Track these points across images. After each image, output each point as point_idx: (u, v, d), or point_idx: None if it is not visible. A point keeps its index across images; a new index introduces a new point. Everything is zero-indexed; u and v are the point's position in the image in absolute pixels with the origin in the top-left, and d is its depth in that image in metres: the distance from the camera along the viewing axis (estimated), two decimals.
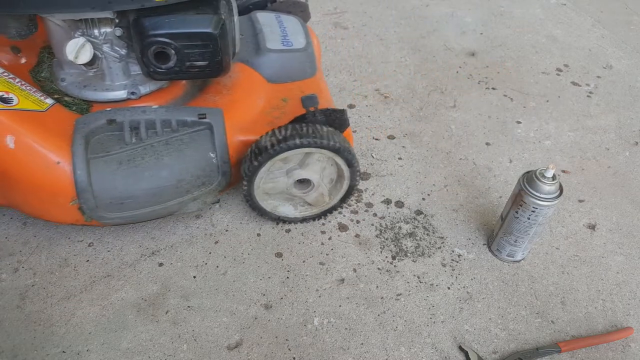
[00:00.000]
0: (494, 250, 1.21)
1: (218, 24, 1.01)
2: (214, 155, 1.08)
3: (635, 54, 1.98)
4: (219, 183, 1.11)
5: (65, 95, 1.11)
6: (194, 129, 1.08)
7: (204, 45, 1.02)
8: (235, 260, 1.16)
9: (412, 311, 1.09)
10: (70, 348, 0.99)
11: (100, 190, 1.01)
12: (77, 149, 0.99)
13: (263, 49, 1.24)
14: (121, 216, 1.06)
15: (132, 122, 1.04)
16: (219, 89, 1.18)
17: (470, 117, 1.61)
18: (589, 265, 1.22)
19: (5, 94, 0.99)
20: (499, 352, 1.04)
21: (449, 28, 2.01)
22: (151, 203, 1.06)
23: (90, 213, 1.04)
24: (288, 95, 1.23)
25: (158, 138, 1.05)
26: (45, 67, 1.17)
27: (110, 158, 1.02)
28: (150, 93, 1.15)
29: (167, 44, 1.00)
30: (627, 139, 1.59)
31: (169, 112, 1.07)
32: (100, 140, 1.03)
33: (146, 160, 1.03)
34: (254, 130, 1.13)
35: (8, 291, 1.06)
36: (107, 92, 1.11)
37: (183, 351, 1.00)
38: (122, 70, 1.11)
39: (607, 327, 1.10)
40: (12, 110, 0.98)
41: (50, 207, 1.05)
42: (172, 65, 1.03)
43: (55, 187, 1.01)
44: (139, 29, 0.99)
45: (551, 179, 1.05)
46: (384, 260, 1.19)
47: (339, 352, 1.02)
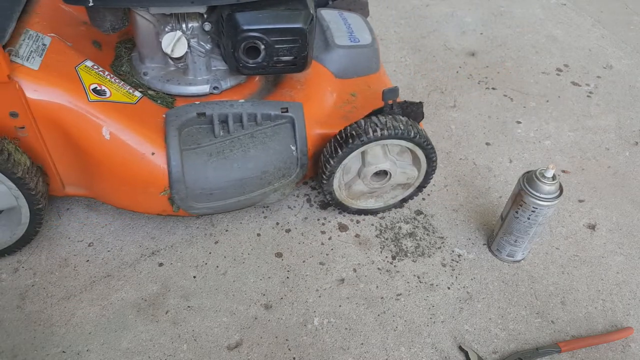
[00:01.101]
0: (494, 250, 1.21)
1: (308, 20, 1.04)
2: (294, 147, 1.12)
3: (635, 54, 1.98)
4: (297, 175, 1.15)
5: (148, 89, 1.14)
6: (276, 122, 1.11)
7: (294, 40, 1.05)
8: (235, 260, 1.16)
9: (412, 311, 1.09)
10: (70, 348, 0.99)
11: (192, 181, 1.05)
12: (171, 141, 1.03)
13: (332, 45, 1.26)
14: (208, 206, 1.11)
15: (220, 115, 1.08)
16: (293, 84, 1.21)
17: (470, 117, 1.61)
18: (589, 265, 1.22)
19: (98, 86, 1.02)
20: (499, 352, 1.04)
21: (449, 28, 2.01)
22: (237, 194, 1.10)
23: (180, 203, 1.07)
24: (356, 90, 1.27)
25: (244, 131, 1.09)
26: (125, 62, 1.18)
27: (201, 150, 1.06)
28: (230, 88, 1.17)
29: (259, 39, 1.03)
30: (627, 139, 1.59)
31: (255, 106, 1.10)
32: (190, 133, 1.07)
33: (234, 152, 1.07)
34: (329, 123, 1.17)
35: (8, 291, 1.06)
36: (191, 87, 1.14)
37: (183, 351, 1.00)
38: (206, 65, 1.14)
39: (607, 327, 1.10)
40: (106, 102, 1.02)
41: (140, 197, 1.09)
42: (260, 60, 1.06)
43: (149, 178, 1.04)
44: (232, 24, 1.01)
45: (551, 179, 1.05)
46: (384, 260, 1.19)
47: (339, 352, 1.02)
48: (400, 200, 1.27)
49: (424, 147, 1.14)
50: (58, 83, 0.98)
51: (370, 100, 1.22)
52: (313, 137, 1.14)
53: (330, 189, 1.18)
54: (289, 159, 1.12)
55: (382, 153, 1.15)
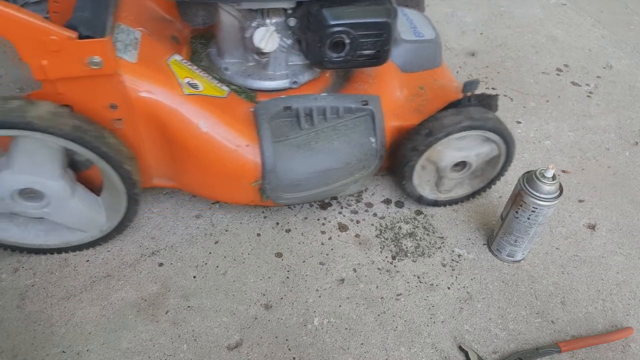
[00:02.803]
0: (494, 250, 1.21)
1: (393, 13, 1.06)
2: (374, 139, 1.15)
3: (635, 54, 1.98)
4: (375, 166, 1.18)
5: (229, 84, 1.15)
6: (356, 115, 1.14)
7: (379, 34, 1.07)
8: (235, 260, 1.16)
9: (412, 311, 1.09)
10: (70, 348, 0.99)
11: (282, 172, 1.08)
12: (264, 133, 1.06)
13: (398, 40, 1.27)
14: (295, 196, 1.14)
15: (305, 108, 1.10)
16: (365, 78, 1.23)
17: None
18: (589, 265, 1.22)
19: (191, 80, 1.05)
20: (499, 352, 1.04)
21: (449, 28, 2.01)
22: (322, 184, 1.14)
23: (269, 193, 1.11)
24: (423, 83, 1.29)
25: (327, 124, 1.12)
26: (203, 57, 1.19)
27: (289, 142, 1.09)
28: (306, 83, 1.19)
29: (345, 33, 1.04)
30: (627, 139, 1.59)
31: (337, 100, 1.13)
32: (277, 126, 1.09)
33: (319, 144, 1.10)
34: (403, 116, 1.20)
35: (8, 291, 1.06)
36: (271, 81, 1.16)
37: (183, 351, 1.00)
38: (285, 60, 1.15)
39: (607, 327, 1.10)
40: (201, 95, 1.04)
41: (231, 187, 1.12)
42: (344, 54, 1.08)
43: (242, 169, 1.07)
44: (320, 19, 1.03)
45: (551, 179, 1.05)
46: (384, 260, 1.19)
47: (339, 352, 1.02)
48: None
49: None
50: (155, 76, 1.00)
51: (439, 93, 1.25)
52: (390, 129, 1.17)
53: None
54: (369, 150, 1.15)
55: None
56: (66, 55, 0.88)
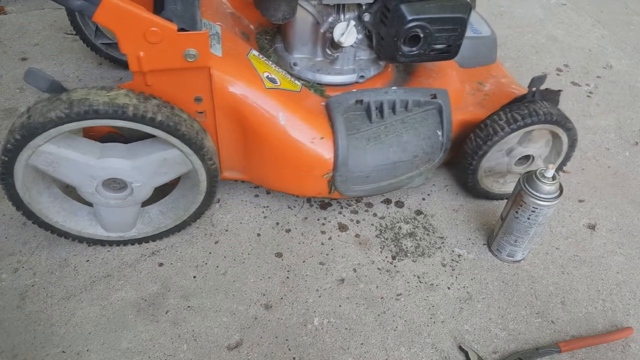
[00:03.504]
0: (494, 250, 1.21)
1: (468, 9, 1.09)
2: (440, 133, 1.16)
3: (635, 54, 1.98)
4: (439, 159, 1.19)
5: (298, 78, 1.17)
6: (424, 108, 1.15)
7: (454, 29, 1.10)
8: (235, 260, 1.16)
9: (412, 311, 1.09)
10: (70, 348, 0.99)
11: (354, 164, 1.10)
12: (339, 126, 1.08)
13: None
14: (362, 189, 1.16)
15: (376, 102, 1.12)
16: (428, 72, 1.25)
17: None
18: (589, 265, 1.22)
19: (270, 74, 1.07)
20: (499, 352, 1.04)
21: None
22: (389, 177, 1.15)
23: (339, 185, 1.12)
24: (481, 78, 1.31)
25: (396, 117, 1.13)
26: (271, 52, 1.21)
27: (360, 135, 1.10)
28: (372, 77, 1.21)
29: (422, 27, 1.07)
30: (627, 139, 1.59)
31: (407, 93, 1.14)
32: (349, 119, 1.11)
33: (389, 137, 1.12)
34: (468, 110, 1.22)
35: (8, 291, 1.06)
36: (339, 76, 1.19)
37: (183, 351, 1.00)
38: (353, 55, 1.17)
39: (607, 327, 1.10)
40: (279, 89, 1.06)
41: (302, 179, 1.14)
42: (416, 49, 1.11)
43: (315, 161, 1.09)
44: (398, 14, 1.05)
45: (551, 179, 1.05)
46: (384, 260, 1.19)
47: (339, 352, 1.02)
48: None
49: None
50: (239, 70, 1.02)
51: (499, 89, 1.28)
52: (455, 122, 1.19)
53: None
54: (435, 143, 1.16)
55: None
56: (165, 47, 0.89)
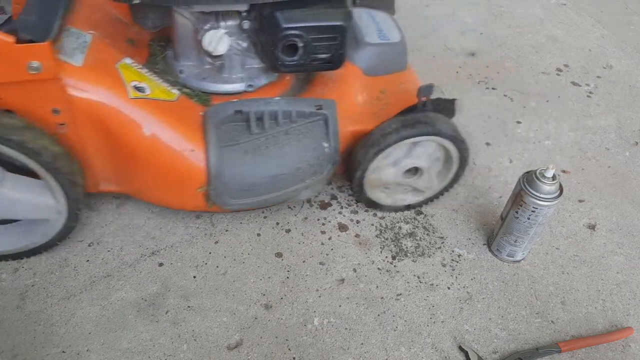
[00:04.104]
0: (494, 250, 1.21)
1: (347, 17, 1.05)
2: (327, 145, 1.13)
3: (635, 54, 1.98)
4: (328, 172, 1.16)
5: (184, 87, 1.14)
6: (309, 119, 1.12)
7: (333, 38, 1.06)
8: (235, 260, 1.16)
9: (412, 311, 1.09)
10: (70, 348, 0.99)
11: (229, 178, 1.06)
12: (211, 138, 1.04)
13: (361, 43, 1.25)
14: (243, 202, 1.12)
15: (257, 112, 1.09)
16: (325, 81, 1.22)
17: (470, 117, 1.61)
18: (589, 265, 1.22)
19: (138, 83, 1.03)
20: (499, 352, 1.04)
21: (449, 28, 2.01)
22: (271, 190, 1.12)
23: (215, 199, 1.09)
24: (385, 87, 1.27)
25: (279, 128, 1.10)
26: (160, 60, 1.19)
27: (238, 147, 1.07)
28: (263, 86, 1.18)
29: (299, 37, 1.03)
30: (627, 139, 1.59)
31: (290, 104, 1.11)
32: (227, 130, 1.08)
33: (270, 149, 1.08)
34: (360, 120, 1.18)
35: (8, 291, 1.06)
36: (226, 85, 1.15)
37: (183, 351, 1.00)
38: (241, 63, 1.14)
39: (607, 327, 1.10)
40: (146, 99, 1.02)
41: (176, 193, 1.10)
42: (297, 58, 1.07)
43: (187, 174, 1.05)
44: (273, 22, 1.02)
45: (551, 179, 1.05)
46: (384, 260, 1.19)
47: (339, 352, 1.02)
48: (406, 205, 1.28)
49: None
50: (100, 80, 0.99)
51: (401, 98, 1.23)
52: (345, 134, 1.16)
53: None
54: (321, 155, 1.13)
55: (430, 151, 1.17)
56: (4, 60, 0.87)
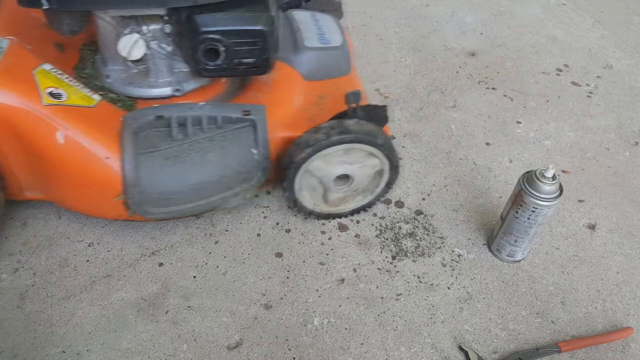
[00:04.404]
0: (494, 250, 1.21)
1: (268, 22, 1.02)
2: (255, 151, 1.10)
3: (635, 54, 1.98)
4: (258, 179, 1.13)
5: (110, 92, 1.12)
6: (237, 125, 1.09)
7: (254, 42, 1.03)
8: (235, 260, 1.16)
9: (412, 311, 1.09)
10: (70, 348, 0.99)
11: (147, 186, 1.03)
12: (126, 145, 1.01)
13: (301, 47, 1.25)
14: (165, 211, 1.08)
15: (179, 118, 1.06)
16: (260, 86, 1.20)
17: (470, 117, 1.61)
18: (589, 265, 1.22)
19: (54, 89, 1.01)
20: (499, 352, 1.04)
21: (449, 28, 2.01)
22: (195, 198, 1.08)
23: (135, 208, 1.05)
24: (325, 92, 1.25)
25: (203, 134, 1.07)
26: (88, 64, 1.17)
27: (158, 154, 1.04)
28: (193, 90, 1.16)
29: (218, 41, 1.01)
30: (627, 139, 1.59)
31: (215, 109, 1.09)
32: (148, 136, 1.05)
33: (192, 156, 1.05)
34: (293, 126, 1.15)
35: (8, 291, 1.06)
36: (152, 89, 1.13)
37: (183, 351, 1.00)
38: (167, 67, 1.12)
39: (607, 327, 1.10)
40: (61, 105, 1.00)
41: (95, 201, 1.08)
42: (220, 62, 1.05)
43: (103, 182, 1.03)
44: (191, 26, 1.00)
45: (551, 179, 1.05)
46: (384, 260, 1.19)
47: (339, 352, 1.02)
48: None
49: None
50: (12, 86, 0.97)
51: (339, 103, 1.19)
52: (276, 140, 1.12)
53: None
54: (249, 162, 1.10)
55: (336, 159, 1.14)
56: None
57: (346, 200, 1.24)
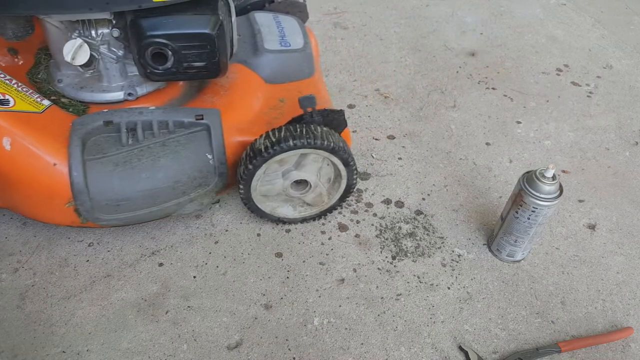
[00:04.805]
0: (494, 250, 1.21)
1: (215, 25, 1.00)
2: (211, 156, 1.08)
3: (635, 54, 1.98)
4: (215, 184, 1.11)
5: (62, 97, 1.11)
6: (190, 130, 1.07)
7: (202, 46, 1.01)
8: (235, 260, 1.16)
9: (412, 311, 1.09)
10: (70, 348, 0.99)
11: (96, 192, 1.01)
12: (73, 151, 0.99)
13: (261, 50, 1.23)
14: (117, 218, 1.06)
15: (129, 123, 1.04)
16: (217, 89, 1.18)
17: (470, 117, 1.61)
18: (589, 265, 1.22)
19: (1, 96, 0.99)
20: (499, 352, 1.04)
21: (449, 28, 2.01)
22: (148, 205, 1.06)
23: (86, 215, 1.04)
24: (286, 95, 1.23)
25: (155, 139, 1.05)
26: (42, 69, 1.16)
27: (106, 160, 1.02)
28: (147, 94, 1.14)
29: (164, 44, 1.00)
30: (627, 139, 1.59)
31: (166, 113, 1.07)
32: (97, 142, 1.03)
33: (142, 161, 1.03)
34: (251, 131, 1.13)
35: (8, 291, 1.06)
36: (104, 94, 1.11)
37: (183, 351, 1.00)
38: (119, 71, 1.11)
39: (607, 327, 1.10)
40: (8, 111, 0.98)
41: (46, 208, 1.05)
42: (169, 66, 1.03)
43: (51, 189, 1.01)
44: (136, 29, 0.99)
45: (551, 179, 1.05)
46: (384, 260, 1.19)
47: (339, 352, 1.02)
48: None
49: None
50: None
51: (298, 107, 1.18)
52: (233, 144, 1.11)
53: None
54: (205, 167, 1.08)
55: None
56: None
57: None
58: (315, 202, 1.20)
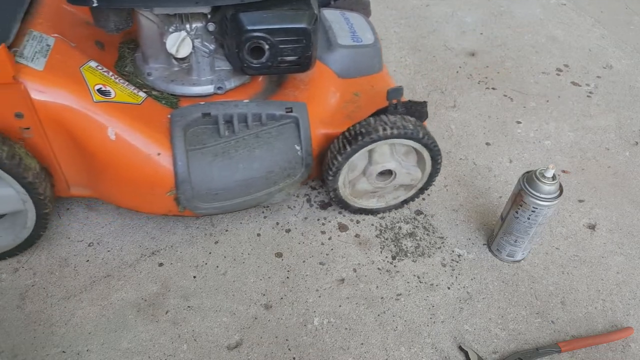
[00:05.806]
0: (494, 250, 1.21)
1: (312, 20, 1.03)
2: (299, 147, 1.12)
3: (635, 54, 1.98)
4: (302, 175, 1.15)
5: (152, 90, 1.13)
6: (280, 122, 1.11)
7: (298, 40, 1.04)
8: (235, 260, 1.16)
9: (412, 311, 1.09)
10: (70, 348, 0.99)
11: (197, 181, 1.05)
12: (177, 141, 1.03)
13: (334, 45, 1.25)
14: (214, 206, 1.10)
15: (225, 115, 1.07)
16: (297, 84, 1.21)
17: (470, 117, 1.61)
18: (589, 265, 1.22)
19: (103, 87, 1.02)
20: (499, 352, 1.04)
21: (449, 28, 2.01)
22: (242, 194, 1.10)
23: (185, 203, 1.07)
24: (359, 89, 1.26)
25: (249, 131, 1.09)
26: (129, 62, 1.18)
27: (206, 150, 1.05)
28: (235, 88, 1.17)
29: (263, 39, 1.02)
30: (627, 139, 1.59)
31: (259, 106, 1.10)
32: (195, 133, 1.07)
33: (239, 152, 1.07)
34: (333, 123, 1.17)
35: (8, 291, 1.06)
36: (195, 87, 1.14)
37: (183, 351, 1.00)
38: (209, 65, 1.13)
39: (607, 327, 1.10)
40: (111, 102, 1.01)
41: (146, 197, 1.09)
42: (264, 60, 1.06)
43: (155, 178, 1.04)
44: (236, 24, 1.01)
45: (551, 179, 1.05)
46: (384, 260, 1.19)
47: (339, 352, 1.02)
48: (402, 202, 1.27)
49: (430, 148, 1.15)
50: (63, 84, 0.97)
51: (374, 100, 1.22)
52: (317, 137, 1.15)
53: (335, 185, 1.17)
54: (293, 158, 1.12)
55: (389, 152, 1.15)
56: None
57: (367, 196, 1.25)
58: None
